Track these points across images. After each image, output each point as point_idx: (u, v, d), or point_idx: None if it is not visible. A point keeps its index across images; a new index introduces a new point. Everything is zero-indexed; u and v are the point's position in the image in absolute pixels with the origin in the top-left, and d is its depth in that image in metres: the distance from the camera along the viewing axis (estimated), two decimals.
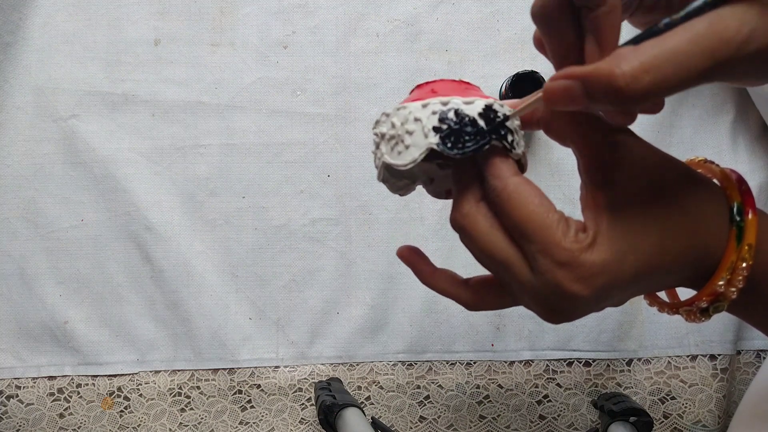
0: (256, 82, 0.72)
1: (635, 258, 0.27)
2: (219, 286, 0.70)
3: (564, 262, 0.26)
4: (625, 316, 0.69)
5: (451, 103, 0.28)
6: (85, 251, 0.70)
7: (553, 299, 0.27)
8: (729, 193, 0.29)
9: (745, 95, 0.70)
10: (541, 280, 0.27)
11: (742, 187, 0.29)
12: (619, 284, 0.27)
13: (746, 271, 0.28)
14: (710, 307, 0.30)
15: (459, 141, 0.28)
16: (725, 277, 0.29)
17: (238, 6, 0.73)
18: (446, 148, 0.28)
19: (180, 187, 0.71)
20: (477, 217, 0.28)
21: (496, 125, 0.28)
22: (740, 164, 0.70)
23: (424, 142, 0.28)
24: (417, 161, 0.28)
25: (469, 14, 0.73)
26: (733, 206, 0.29)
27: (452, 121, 0.28)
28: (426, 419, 0.68)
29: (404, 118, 0.29)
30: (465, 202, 0.29)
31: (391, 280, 0.69)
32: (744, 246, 0.28)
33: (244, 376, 0.69)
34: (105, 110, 0.72)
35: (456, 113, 0.28)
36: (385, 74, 0.72)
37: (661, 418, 0.68)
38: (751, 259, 0.28)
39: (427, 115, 0.28)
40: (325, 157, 0.71)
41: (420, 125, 0.28)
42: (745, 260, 0.28)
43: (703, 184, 0.29)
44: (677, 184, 0.28)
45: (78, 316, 0.70)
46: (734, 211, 0.29)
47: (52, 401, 0.69)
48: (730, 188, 0.29)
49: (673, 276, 0.29)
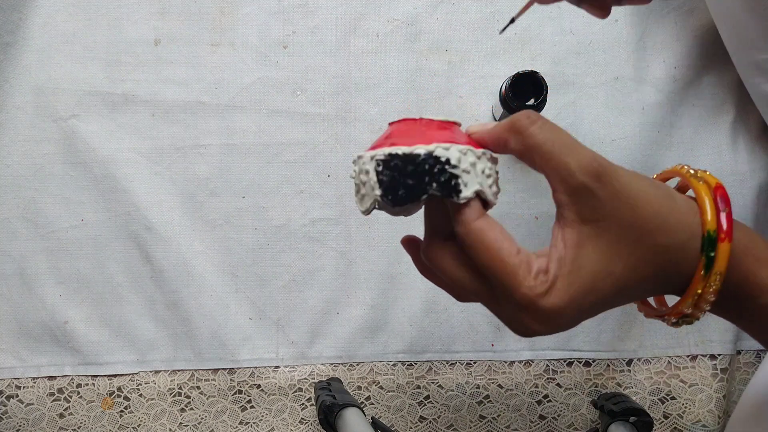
0: (256, 82, 0.72)
1: (595, 296, 0.28)
2: (219, 286, 0.70)
3: (524, 306, 0.27)
4: (625, 316, 0.69)
5: (391, 154, 0.28)
6: (85, 251, 0.70)
7: (517, 329, 0.29)
8: (704, 219, 0.29)
9: (746, 95, 0.70)
10: (506, 315, 0.29)
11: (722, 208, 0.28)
12: (580, 316, 0.28)
13: (714, 296, 0.29)
14: (679, 321, 0.31)
15: (396, 194, 0.28)
16: (691, 302, 0.29)
17: (238, 6, 0.73)
18: (387, 201, 0.29)
19: (180, 187, 0.71)
20: (444, 256, 0.30)
21: (435, 173, 0.28)
22: (740, 164, 0.70)
23: (372, 194, 0.29)
24: (371, 210, 0.30)
25: (469, 14, 0.73)
26: (705, 234, 0.28)
27: (389, 174, 0.28)
28: (426, 419, 0.68)
29: (360, 168, 0.30)
30: (431, 241, 0.30)
31: (391, 280, 0.69)
32: (712, 276, 0.28)
33: (244, 376, 0.69)
34: (105, 110, 0.72)
35: (394, 166, 0.28)
36: (385, 74, 0.72)
37: (661, 418, 0.68)
38: (719, 285, 0.29)
39: (373, 167, 0.29)
40: (325, 157, 0.71)
41: (369, 177, 0.29)
42: (712, 287, 0.28)
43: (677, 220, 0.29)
44: (650, 225, 0.28)
45: (78, 316, 0.69)
46: (706, 240, 0.28)
47: (52, 401, 0.69)
48: (707, 213, 0.29)
49: (637, 297, 0.30)
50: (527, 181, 0.70)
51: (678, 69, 0.71)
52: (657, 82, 0.71)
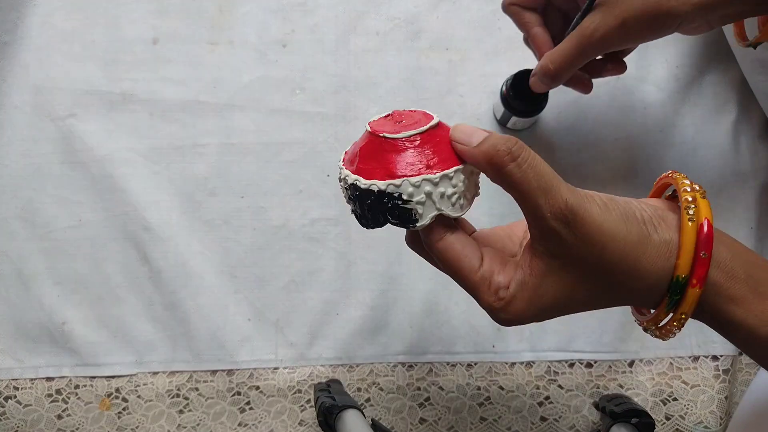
0: (255, 81, 0.72)
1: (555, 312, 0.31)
2: (217, 286, 0.69)
3: (488, 309, 0.32)
4: (627, 316, 0.68)
5: (352, 185, 0.31)
6: (82, 251, 0.70)
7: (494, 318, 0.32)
8: (678, 263, 0.28)
9: (748, 95, 0.69)
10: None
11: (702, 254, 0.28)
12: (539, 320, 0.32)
13: (678, 330, 0.30)
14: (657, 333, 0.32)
15: (364, 219, 0.32)
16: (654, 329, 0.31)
17: (236, 4, 0.73)
18: (360, 222, 0.33)
19: (178, 187, 0.70)
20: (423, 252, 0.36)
21: (390, 207, 0.30)
22: (742, 164, 0.69)
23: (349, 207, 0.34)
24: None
25: (469, 12, 0.73)
26: (674, 279, 0.28)
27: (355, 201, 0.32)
28: (426, 421, 0.68)
29: (340, 179, 0.33)
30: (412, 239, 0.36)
31: (391, 280, 0.69)
32: (676, 315, 0.30)
33: (243, 378, 0.69)
34: (103, 109, 0.71)
35: (356, 196, 0.31)
36: (385, 73, 0.72)
37: (662, 420, 0.67)
38: (683, 323, 0.30)
39: (343, 187, 0.32)
40: (325, 156, 0.71)
41: (343, 193, 0.33)
42: (676, 323, 0.30)
43: (648, 259, 0.29)
44: (616, 268, 0.29)
45: (76, 317, 0.69)
46: (674, 284, 0.28)
47: (50, 402, 0.69)
48: (683, 258, 0.28)
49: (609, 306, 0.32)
50: None
51: (680, 68, 0.71)
52: (659, 81, 0.70)
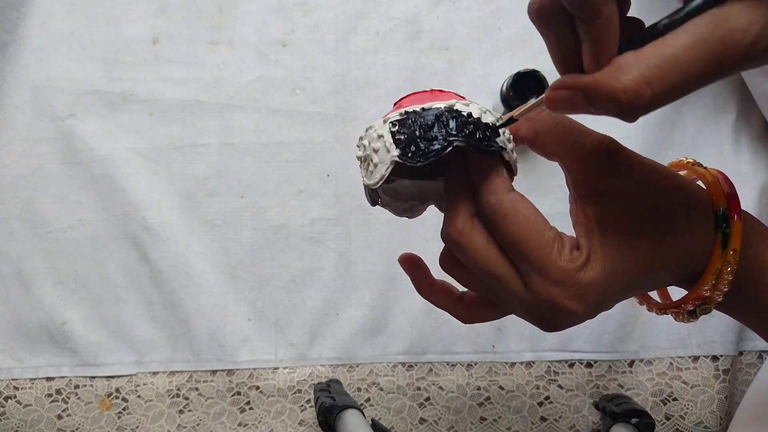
0: (255, 81, 0.72)
1: (626, 272, 0.27)
2: (217, 286, 0.69)
3: (559, 281, 0.26)
4: (626, 317, 0.68)
5: (407, 112, 0.27)
6: (83, 251, 0.70)
7: (547, 313, 0.27)
8: (715, 198, 0.29)
9: (748, 94, 0.69)
10: (534, 296, 0.27)
11: (729, 191, 0.29)
12: (610, 297, 0.28)
13: (731, 275, 0.29)
14: (696, 309, 0.30)
15: (418, 149, 0.27)
16: (710, 282, 0.29)
17: (236, 4, 0.73)
18: (408, 159, 0.27)
19: (178, 187, 0.70)
20: (472, 233, 0.28)
21: (459, 124, 0.27)
22: (742, 164, 0.69)
23: (388, 157, 0.27)
24: (385, 177, 0.28)
25: (469, 12, 0.72)
26: (719, 211, 0.29)
27: (408, 130, 0.27)
28: (426, 421, 0.68)
29: (371, 138, 0.29)
30: (459, 217, 0.28)
31: (391, 280, 0.69)
32: (729, 251, 0.28)
33: (243, 378, 0.69)
34: (103, 109, 0.71)
35: (412, 122, 0.27)
36: (385, 73, 0.72)
37: (662, 420, 0.67)
38: (736, 263, 0.29)
39: (388, 129, 0.28)
40: (325, 156, 0.71)
41: (383, 141, 0.28)
42: (730, 265, 0.28)
43: (691, 196, 0.29)
44: (667, 200, 0.28)
45: (76, 317, 0.69)
46: (720, 217, 0.29)
47: (50, 402, 0.69)
48: (717, 193, 0.29)
49: (661, 280, 0.30)
50: (528, 183, 0.70)
51: None
52: None
